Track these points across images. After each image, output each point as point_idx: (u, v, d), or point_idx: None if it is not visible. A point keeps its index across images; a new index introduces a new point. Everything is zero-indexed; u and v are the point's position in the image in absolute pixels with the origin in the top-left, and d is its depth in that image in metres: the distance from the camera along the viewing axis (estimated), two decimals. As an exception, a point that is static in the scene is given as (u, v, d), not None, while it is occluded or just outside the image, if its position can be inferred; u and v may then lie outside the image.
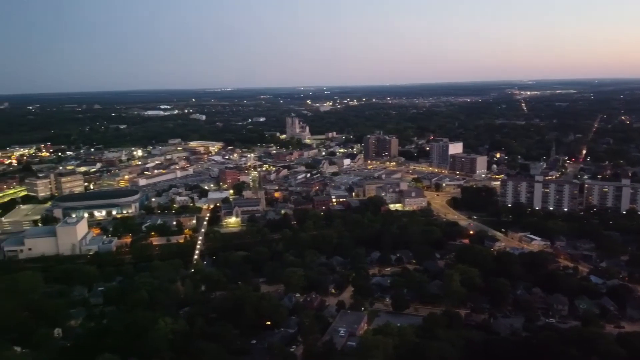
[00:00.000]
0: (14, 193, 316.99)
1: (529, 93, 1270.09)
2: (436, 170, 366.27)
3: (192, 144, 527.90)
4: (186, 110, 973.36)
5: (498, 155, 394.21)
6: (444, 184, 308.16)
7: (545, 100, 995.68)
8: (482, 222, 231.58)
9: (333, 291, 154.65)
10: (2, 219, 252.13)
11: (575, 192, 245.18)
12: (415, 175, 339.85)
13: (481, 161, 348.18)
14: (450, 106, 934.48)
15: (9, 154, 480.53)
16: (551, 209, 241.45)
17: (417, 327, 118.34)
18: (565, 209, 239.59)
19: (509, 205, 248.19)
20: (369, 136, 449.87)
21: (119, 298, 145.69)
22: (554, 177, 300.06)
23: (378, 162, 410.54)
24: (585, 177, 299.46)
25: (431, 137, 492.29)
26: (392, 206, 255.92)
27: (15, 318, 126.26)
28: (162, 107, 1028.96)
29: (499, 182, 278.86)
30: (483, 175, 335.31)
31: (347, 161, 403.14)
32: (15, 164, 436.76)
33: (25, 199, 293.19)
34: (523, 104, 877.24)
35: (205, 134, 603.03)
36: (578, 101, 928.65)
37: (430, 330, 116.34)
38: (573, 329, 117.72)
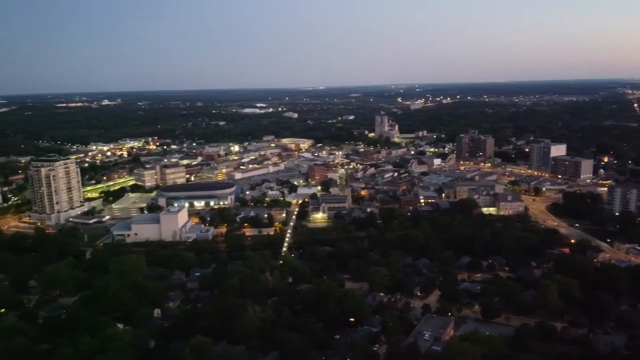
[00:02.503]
0: (124, 182, 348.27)
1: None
2: (536, 173, 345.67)
3: (284, 140, 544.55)
4: (280, 109, 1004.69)
5: (606, 160, 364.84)
6: (543, 189, 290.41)
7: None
8: (585, 230, 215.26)
9: (418, 293, 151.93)
10: (113, 205, 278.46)
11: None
12: (512, 178, 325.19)
13: (586, 165, 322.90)
14: (553, 105, 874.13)
15: (120, 146, 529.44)
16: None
17: (507, 338, 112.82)
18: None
19: (617, 213, 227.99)
20: (462, 135, 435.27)
21: (213, 284, 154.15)
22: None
23: (471, 163, 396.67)
24: None
25: (531, 137, 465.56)
26: (485, 210, 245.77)
27: (120, 297, 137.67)
28: (258, 105, 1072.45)
29: (605, 189, 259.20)
30: (588, 181, 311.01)
31: (437, 161, 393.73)
32: (126, 156, 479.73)
33: (134, 188, 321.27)
34: (635, 105, 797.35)
35: (297, 131, 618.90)
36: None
37: (522, 341, 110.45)
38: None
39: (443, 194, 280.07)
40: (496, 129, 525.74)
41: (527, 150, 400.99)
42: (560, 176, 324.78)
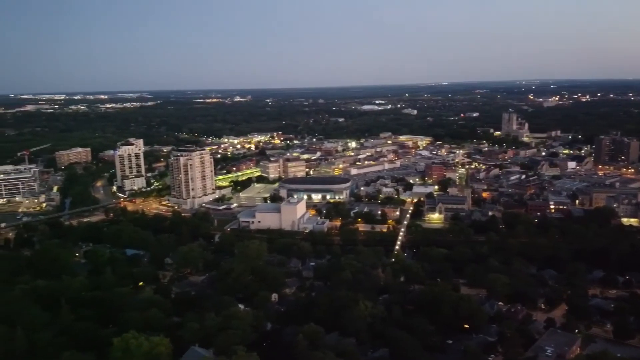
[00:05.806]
0: (250, 173, 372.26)
1: None
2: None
3: (402, 137, 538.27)
4: (399, 105, 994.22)
5: None
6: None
7: None
8: None
9: (542, 306, 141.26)
10: (240, 194, 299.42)
11: None
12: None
13: None
14: None
15: (249, 140, 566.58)
16: None
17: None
18: None
19: None
20: (602, 137, 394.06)
21: (327, 275, 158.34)
22: None
23: (611, 168, 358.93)
24: None
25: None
26: (625, 220, 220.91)
27: (242, 280, 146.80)
28: (377, 102, 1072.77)
29: None
30: None
31: (571, 164, 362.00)
32: (254, 149, 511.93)
33: (259, 179, 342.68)
34: None
35: (415, 128, 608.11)
36: None
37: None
38: None
39: (577, 201, 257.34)
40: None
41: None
42: None
